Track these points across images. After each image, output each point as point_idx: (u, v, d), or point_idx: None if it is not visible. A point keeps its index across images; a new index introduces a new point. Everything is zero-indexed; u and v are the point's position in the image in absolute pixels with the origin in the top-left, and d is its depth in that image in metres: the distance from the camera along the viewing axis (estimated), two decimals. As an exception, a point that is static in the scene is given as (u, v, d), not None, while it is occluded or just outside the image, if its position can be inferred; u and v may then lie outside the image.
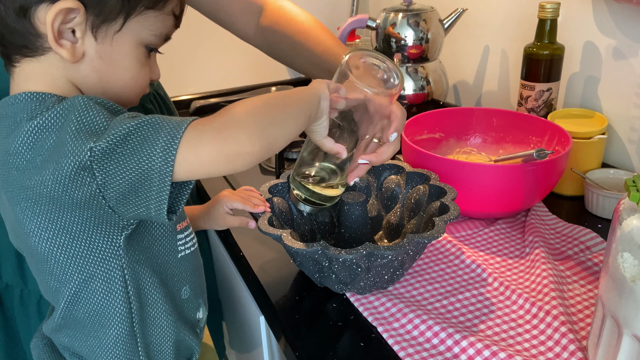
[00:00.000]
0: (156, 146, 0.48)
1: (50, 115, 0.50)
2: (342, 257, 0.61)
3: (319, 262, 0.65)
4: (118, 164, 0.48)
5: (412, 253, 0.66)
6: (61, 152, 0.49)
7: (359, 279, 0.66)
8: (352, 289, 0.68)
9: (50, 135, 0.50)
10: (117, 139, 0.48)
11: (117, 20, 0.53)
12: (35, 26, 0.52)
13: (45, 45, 0.53)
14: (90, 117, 0.49)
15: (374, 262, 0.63)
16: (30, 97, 0.53)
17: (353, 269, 0.64)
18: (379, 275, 0.66)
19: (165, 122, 0.49)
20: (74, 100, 0.51)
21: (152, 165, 0.48)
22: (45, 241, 0.53)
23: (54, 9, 0.50)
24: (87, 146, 0.48)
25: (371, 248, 0.61)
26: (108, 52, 0.55)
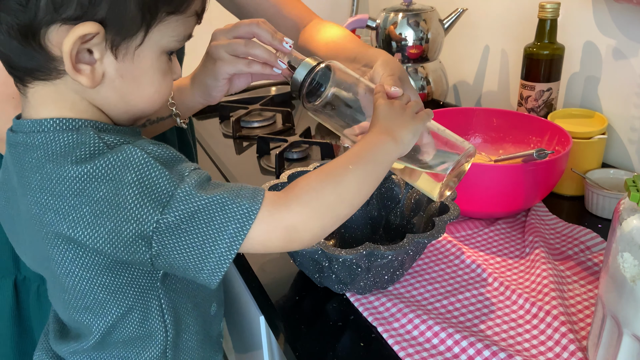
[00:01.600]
0: (224, 232, 0.47)
1: (102, 164, 0.46)
2: (342, 257, 0.61)
3: (319, 262, 0.65)
4: (179, 240, 0.47)
5: (412, 253, 0.66)
6: (121, 215, 0.46)
7: (359, 279, 0.66)
8: (352, 289, 0.68)
9: (101, 187, 0.46)
10: (185, 215, 0.46)
11: (137, 34, 0.48)
12: (46, 49, 0.46)
13: (60, 68, 0.48)
14: (153, 179, 0.46)
15: (374, 262, 0.63)
16: (60, 126, 0.49)
17: (353, 269, 0.64)
18: (379, 275, 0.66)
19: (235, 203, 0.47)
20: (129, 154, 0.47)
21: (215, 249, 0.47)
22: (85, 281, 0.50)
23: (72, 35, 0.45)
24: (154, 217, 0.46)
25: (371, 248, 0.61)
26: (129, 70, 0.50)
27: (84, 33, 0.45)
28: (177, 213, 0.46)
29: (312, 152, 1.14)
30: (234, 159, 1.15)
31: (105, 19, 0.46)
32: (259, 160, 1.13)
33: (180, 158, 0.50)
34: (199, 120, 1.41)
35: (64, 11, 0.44)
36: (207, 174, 0.50)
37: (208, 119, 1.41)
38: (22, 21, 0.45)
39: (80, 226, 0.47)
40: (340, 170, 0.52)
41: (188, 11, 0.51)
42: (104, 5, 0.45)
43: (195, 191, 0.47)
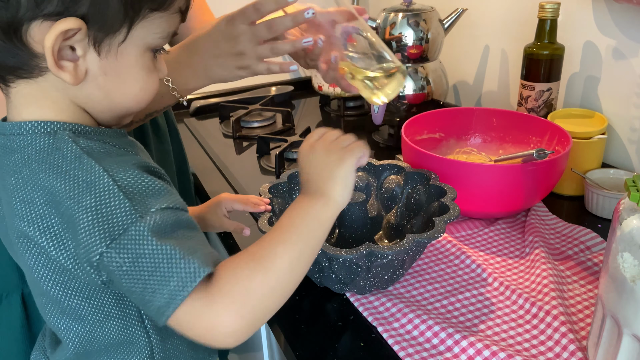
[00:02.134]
0: (164, 288, 0.44)
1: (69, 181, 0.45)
2: (342, 257, 0.61)
3: (319, 262, 0.65)
4: (122, 278, 0.45)
5: (412, 253, 0.66)
6: (76, 236, 0.45)
7: (359, 279, 0.66)
8: (352, 289, 0.68)
9: (65, 202, 0.45)
10: (129, 256, 0.44)
11: (120, 31, 0.47)
12: (28, 45, 0.46)
13: (43, 65, 0.47)
14: (110, 208, 0.44)
15: (374, 262, 0.63)
16: (39, 129, 0.48)
17: (353, 269, 0.64)
18: (379, 275, 0.66)
19: (180, 264, 0.44)
20: (95, 177, 0.45)
21: (155, 300, 0.44)
22: (58, 285, 0.50)
23: (53, 31, 0.44)
24: (99, 250, 0.44)
25: (371, 248, 0.61)
26: (113, 67, 0.49)
27: (65, 29, 0.45)
28: (122, 251, 0.44)
29: (312, 152, 1.14)
30: (234, 159, 1.15)
31: (87, 15, 0.45)
32: (259, 160, 1.13)
33: (155, 190, 0.47)
34: (199, 120, 1.41)
35: (45, 7, 0.44)
36: (178, 217, 0.47)
37: (208, 119, 1.41)
38: (3, 18, 0.44)
39: (47, 236, 0.46)
40: (269, 254, 0.47)
41: (172, 8, 0.51)
42: (86, 1, 0.45)
43: (149, 234, 0.44)
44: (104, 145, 0.50)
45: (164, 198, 0.47)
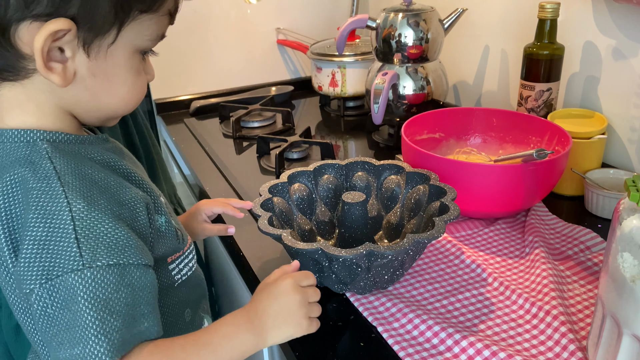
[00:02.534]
0: (68, 349, 0.43)
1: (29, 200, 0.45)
2: (342, 257, 0.61)
3: (319, 262, 0.65)
4: (40, 318, 0.44)
5: (412, 253, 0.66)
6: (15, 259, 0.45)
7: (359, 279, 0.66)
8: (352, 289, 0.68)
9: (20, 220, 0.45)
10: (56, 304, 0.43)
11: (110, 32, 0.47)
12: (16, 46, 0.45)
13: (30, 67, 0.47)
14: (57, 247, 0.43)
15: (374, 262, 0.63)
16: (18, 137, 0.48)
17: (353, 269, 0.64)
18: (379, 275, 0.66)
19: (90, 339, 0.43)
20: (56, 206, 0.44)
21: (55, 353, 0.44)
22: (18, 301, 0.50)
23: (43, 32, 0.44)
24: (30, 286, 0.43)
25: (371, 248, 0.61)
26: (102, 68, 0.48)
27: (55, 29, 0.44)
28: (52, 296, 0.43)
29: (312, 152, 1.14)
30: (234, 159, 1.15)
31: (77, 16, 0.45)
32: (259, 160, 1.13)
33: (112, 242, 0.45)
34: (199, 120, 1.41)
35: (35, 7, 0.44)
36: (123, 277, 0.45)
37: (208, 119, 1.41)
38: None
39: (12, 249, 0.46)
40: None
41: (161, 10, 0.50)
42: (76, 1, 0.45)
43: (83, 290, 0.43)
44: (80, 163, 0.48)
45: (118, 252, 0.45)
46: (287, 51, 1.62)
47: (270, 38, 1.59)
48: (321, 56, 1.37)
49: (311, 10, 1.61)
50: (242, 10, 1.52)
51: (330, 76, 1.37)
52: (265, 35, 1.58)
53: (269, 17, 1.56)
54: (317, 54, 1.38)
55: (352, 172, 0.83)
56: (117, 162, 0.53)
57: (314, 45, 1.44)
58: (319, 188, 0.81)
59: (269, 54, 1.60)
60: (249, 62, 1.57)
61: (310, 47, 1.43)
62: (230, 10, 1.51)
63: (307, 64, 1.65)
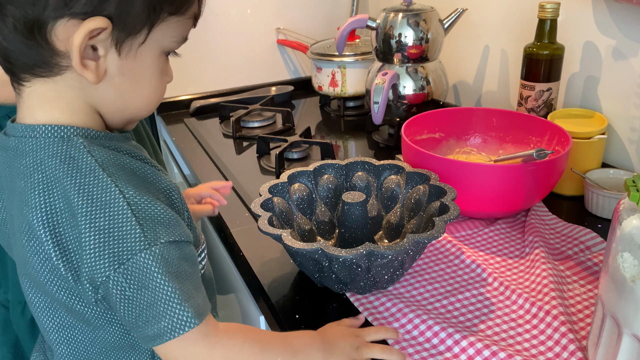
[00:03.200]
0: (155, 323, 0.46)
1: (82, 197, 0.46)
2: (342, 257, 0.60)
3: (319, 262, 0.65)
4: (120, 301, 0.46)
5: (412, 253, 0.66)
6: (81, 254, 0.46)
7: (359, 279, 0.66)
8: (352, 289, 0.68)
9: (75, 218, 0.46)
10: (133, 284, 0.46)
11: (141, 32, 0.49)
12: (51, 43, 0.46)
13: (63, 64, 0.48)
14: (122, 232, 0.45)
15: (374, 262, 0.63)
16: (52, 133, 0.48)
17: (353, 269, 0.64)
18: (379, 275, 0.66)
19: (180, 307, 0.47)
20: (110, 198, 0.46)
21: (144, 330, 0.47)
22: (63, 291, 0.50)
23: (82, 30, 0.45)
24: (106, 273, 0.45)
25: (371, 248, 0.61)
26: (130, 67, 0.50)
27: (94, 27, 0.45)
28: (128, 278, 0.45)
29: (312, 152, 1.14)
30: (234, 159, 1.15)
31: (112, 15, 0.46)
32: (259, 160, 1.13)
33: (166, 221, 0.48)
34: (199, 120, 1.41)
35: (74, 5, 0.44)
36: (182, 251, 0.48)
37: (208, 119, 1.41)
38: (30, 15, 0.44)
39: (53, 244, 0.47)
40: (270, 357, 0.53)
41: (187, 13, 0.52)
42: (113, 1, 0.46)
43: (156, 266, 0.46)
44: (117, 155, 0.50)
45: (173, 230, 0.48)
46: (287, 51, 1.62)
47: (270, 38, 1.59)
48: (321, 56, 1.37)
49: (311, 10, 1.61)
50: (242, 10, 1.52)
51: (330, 76, 1.37)
52: (265, 35, 1.58)
53: (269, 17, 1.56)
54: (317, 54, 1.38)
55: (352, 172, 0.83)
56: (144, 155, 0.54)
57: (314, 45, 1.44)
58: (319, 188, 0.81)
59: (269, 54, 1.60)
60: (249, 62, 1.57)
61: (310, 47, 1.43)
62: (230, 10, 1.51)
63: (307, 64, 1.65)
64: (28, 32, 0.45)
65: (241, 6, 1.52)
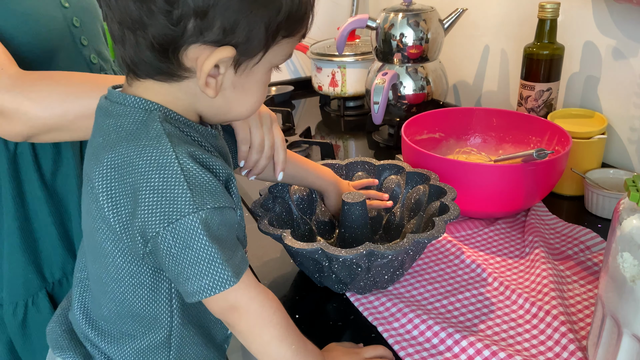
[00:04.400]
0: (198, 280, 0.50)
1: (143, 156, 0.50)
2: (342, 257, 0.61)
3: (319, 262, 0.65)
4: (166, 256, 0.50)
5: (412, 253, 0.66)
6: (136, 209, 0.50)
7: (359, 278, 0.66)
8: (352, 289, 0.68)
9: (132, 175, 0.50)
10: (180, 243, 0.49)
11: (258, 54, 0.53)
12: (180, 60, 0.50)
13: (184, 75, 0.52)
14: (174, 193, 0.49)
15: (374, 262, 0.63)
16: (139, 104, 0.53)
17: (353, 269, 0.64)
18: (379, 275, 0.66)
19: (222, 266, 0.50)
20: (166, 161, 0.50)
21: (188, 285, 0.50)
22: (109, 241, 0.54)
23: (213, 58, 0.49)
24: (157, 228, 0.49)
25: (371, 248, 0.61)
26: (242, 82, 0.54)
27: (224, 57, 0.50)
28: (176, 236, 0.49)
29: (312, 152, 1.14)
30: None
31: (239, 44, 0.50)
32: (259, 160, 1.13)
33: (212, 189, 0.51)
34: (199, 120, 1.41)
35: (207, 35, 0.49)
36: (224, 217, 0.51)
37: (208, 119, 1.41)
38: (167, 37, 0.49)
39: (105, 196, 0.51)
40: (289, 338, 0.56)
41: (299, 34, 0.56)
42: (240, 32, 0.50)
43: (201, 228, 0.49)
44: (185, 137, 0.54)
45: (218, 197, 0.51)
46: (287, 51, 1.62)
47: (270, 38, 1.59)
48: (321, 56, 1.37)
49: (311, 10, 1.61)
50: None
51: (330, 76, 1.37)
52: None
53: (269, 17, 1.56)
54: (317, 54, 1.38)
55: (352, 172, 0.83)
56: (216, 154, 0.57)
57: (314, 45, 1.44)
58: None
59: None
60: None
61: (310, 47, 1.43)
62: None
63: (307, 64, 1.65)
64: (163, 51, 0.50)
65: (241, 6, 1.52)
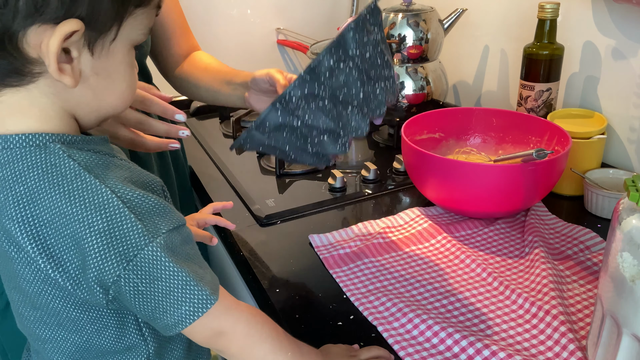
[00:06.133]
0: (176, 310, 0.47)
1: (74, 202, 0.45)
2: (294, 88, 0.57)
3: (291, 123, 0.60)
4: (134, 297, 0.46)
5: (340, 46, 0.60)
6: (85, 259, 0.45)
7: (341, 118, 0.61)
8: (348, 134, 0.63)
9: (71, 225, 0.45)
10: (146, 278, 0.46)
11: (112, 29, 0.48)
12: (23, 51, 0.44)
13: (36, 71, 0.46)
14: (123, 231, 0.45)
15: (328, 79, 0.58)
16: (27, 142, 0.47)
17: (320, 107, 0.60)
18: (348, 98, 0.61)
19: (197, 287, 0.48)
20: (103, 199, 0.45)
21: (164, 319, 0.48)
22: (58, 300, 0.50)
23: (57, 34, 0.43)
24: (116, 272, 0.45)
25: (314, 64, 0.57)
26: (104, 66, 0.49)
27: (69, 31, 0.44)
28: (139, 273, 0.46)
29: (312, 152, 1.14)
30: (234, 159, 1.15)
31: (84, 16, 0.45)
32: (259, 160, 1.13)
33: (160, 210, 0.48)
34: (199, 120, 1.41)
35: (44, 10, 0.43)
36: (182, 236, 0.49)
37: (208, 119, 1.41)
38: None
39: (45, 257, 0.46)
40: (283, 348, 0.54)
41: (152, 3, 0.51)
42: (83, 1, 0.45)
43: (165, 255, 0.46)
44: (98, 156, 0.49)
45: (169, 217, 0.48)
46: (287, 51, 1.62)
47: (270, 38, 1.59)
48: (321, 56, 1.37)
49: (311, 10, 1.61)
50: (242, 10, 1.52)
51: (330, 76, 1.37)
52: (265, 35, 1.58)
53: (269, 17, 1.56)
54: (317, 54, 1.38)
55: None
56: (123, 157, 0.53)
57: (314, 45, 1.44)
58: None
59: (269, 54, 1.60)
60: (249, 62, 1.57)
61: (310, 47, 1.43)
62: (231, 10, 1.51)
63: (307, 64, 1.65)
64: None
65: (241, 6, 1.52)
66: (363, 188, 0.98)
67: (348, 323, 0.66)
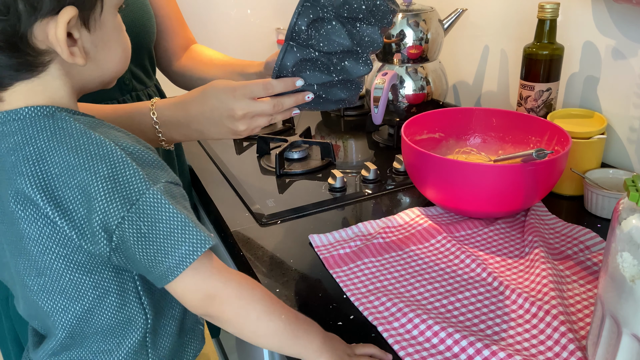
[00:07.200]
0: (177, 250, 0.49)
1: (80, 153, 0.49)
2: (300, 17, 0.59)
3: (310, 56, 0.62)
4: (136, 240, 0.49)
5: None
6: (91, 205, 0.48)
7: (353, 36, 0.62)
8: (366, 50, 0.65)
9: (77, 175, 0.49)
10: (148, 219, 0.49)
11: (97, 3, 0.52)
12: (35, 47, 0.49)
13: (46, 60, 0.51)
14: (126, 176, 0.49)
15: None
16: (36, 113, 0.51)
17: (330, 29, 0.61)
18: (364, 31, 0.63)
19: (195, 229, 0.50)
20: (106, 149, 0.49)
21: (165, 261, 0.50)
22: (61, 259, 0.52)
23: (61, 24, 0.48)
24: (121, 213, 0.48)
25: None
26: (100, 37, 0.54)
27: (69, 18, 0.48)
28: (142, 215, 0.49)
29: (312, 152, 1.15)
30: (234, 159, 1.15)
31: (74, 1, 0.49)
32: (259, 160, 1.13)
33: (159, 165, 0.51)
34: (199, 120, 1.41)
35: (41, 7, 0.47)
36: (180, 191, 0.52)
37: (208, 119, 1.41)
38: (7, 31, 0.47)
39: (53, 207, 0.49)
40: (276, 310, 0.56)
41: None
42: None
43: (165, 198, 0.49)
44: (101, 122, 0.54)
45: (168, 173, 0.52)
46: (287, 51, 1.62)
47: (270, 38, 1.59)
48: (321, 56, 1.37)
49: (311, 10, 1.61)
50: (242, 10, 1.52)
51: (330, 76, 1.37)
52: (265, 35, 1.58)
53: (269, 17, 1.56)
54: None
55: None
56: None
57: (313, 45, 1.44)
58: None
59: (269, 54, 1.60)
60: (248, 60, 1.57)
61: (310, 47, 1.43)
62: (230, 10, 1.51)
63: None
64: (11, 47, 0.48)
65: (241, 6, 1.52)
66: (363, 188, 0.98)
67: (348, 323, 0.66)
